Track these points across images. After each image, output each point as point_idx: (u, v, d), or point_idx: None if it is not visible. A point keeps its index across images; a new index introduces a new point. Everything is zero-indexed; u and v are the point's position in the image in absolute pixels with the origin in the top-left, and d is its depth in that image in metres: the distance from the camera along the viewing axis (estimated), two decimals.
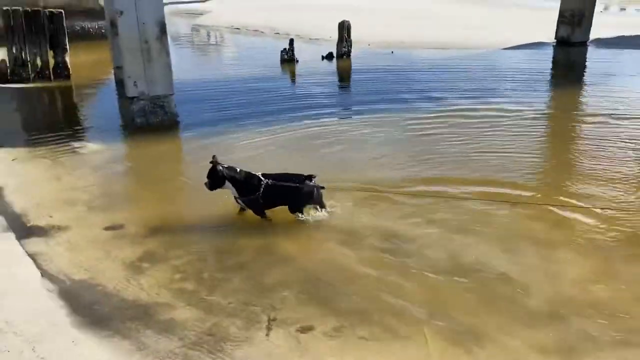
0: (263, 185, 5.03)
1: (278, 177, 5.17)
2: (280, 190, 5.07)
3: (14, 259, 4.53)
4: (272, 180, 5.09)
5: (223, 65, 14.85)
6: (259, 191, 5.03)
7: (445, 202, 5.54)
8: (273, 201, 5.15)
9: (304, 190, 5.09)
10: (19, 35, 11.52)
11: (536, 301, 4.03)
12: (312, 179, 5.16)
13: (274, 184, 5.05)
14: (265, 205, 5.16)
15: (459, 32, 18.44)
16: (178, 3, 29.19)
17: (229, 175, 5.09)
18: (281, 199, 5.15)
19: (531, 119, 8.76)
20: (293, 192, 5.09)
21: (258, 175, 5.13)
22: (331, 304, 3.97)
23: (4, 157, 6.91)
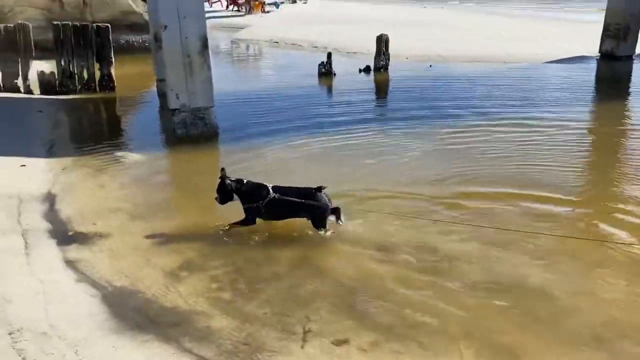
0: (270, 197, 5.07)
1: (287, 190, 5.18)
2: (293, 205, 5.08)
3: (59, 264, 4.69)
4: (281, 193, 5.11)
5: (262, 78, 15.08)
6: (263, 201, 5.07)
7: (482, 217, 5.46)
8: (280, 214, 5.19)
9: (320, 207, 5.09)
10: (68, 48, 11.97)
11: (578, 322, 3.92)
12: (321, 190, 5.15)
13: (282, 198, 5.07)
14: (270, 217, 5.20)
15: (499, 46, 18.22)
16: (219, 17, 29.82)
17: (236, 188, 5.16)
18: (291, 212, 5.18)
19: (575, 133, 8.57)
20: (309, 209, 5.10)
21: (268, 187, 5.17)
22: (366, 318, 3.96)
23: (53, 167, 7.17)
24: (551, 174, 6.71)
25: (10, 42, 11.69)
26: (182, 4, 8.27)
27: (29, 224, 5.38)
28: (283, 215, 5.24)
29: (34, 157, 7.51)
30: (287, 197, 5.09)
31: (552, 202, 5.86)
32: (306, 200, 5.07)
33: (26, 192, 6.20)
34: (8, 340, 3.54)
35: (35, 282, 4.32)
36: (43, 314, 3.88)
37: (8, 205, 5.80)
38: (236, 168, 7.15)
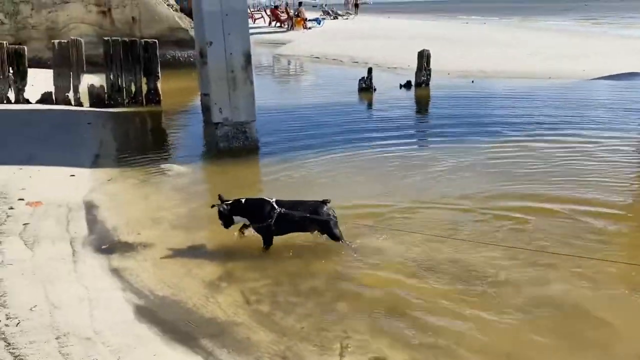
0: (275, 213, 5.06)
1: (292, 204, 5.19)
2: (299, 219, 5.10)
3: (104, 272, 4.82)
4: (286, 208, 5.11)
5: (302, 93, 15.25)
6: (272, 219, 5.07)
7: (521, 234, 5.35)
8: (288, 229, 5.19)
9: (331, 220, 5.12)
10: (117, 63, 12.42)
11: (630, 349, 3.77)
12: (326, 203, 5.16)
13: (287, 213, 5.07)
14: (278, 233, 5.19)
15: (543, 61, 17.92)
16: (262, 33, 30.36)
17: (233, 209, 5.17)
18: (299, 227, 5.19)
19: (619, 150, 8.32)
20: (320, 223, 5.11)
21: (272, 202, 5.15)
22: (404, 336, 3.90)
23: (100, 177, 7.42)
24: (596, 191, 6.52)
25: (63, 57, 12.23)
26: (228, 21, 8.48)
27: (76, 232, 5.57)
28: (292, 229, 5.22)
29: (83, 167, 7.79)
30: (294, 212, 5.10)
31: (595, 216, 5.71)
32: (312, 215, 5.08)
33: (75, 201, 6.42)
34: (55, 344, 3.66)
35: (81, 288, 4.45)
36: (88, 320, 3.99)
37: (58, 213, 6.02)
38: (275, 181, 7.29)
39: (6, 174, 7.09)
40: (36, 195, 6.40)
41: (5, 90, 11.99)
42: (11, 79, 12.02)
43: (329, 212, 5.16)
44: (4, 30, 18.52)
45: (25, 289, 4.36)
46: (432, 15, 56.16)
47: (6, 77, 11.98)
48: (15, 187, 6.65)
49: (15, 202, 6.16)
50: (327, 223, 5.13)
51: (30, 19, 18.80)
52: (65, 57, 12.25)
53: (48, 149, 8.58)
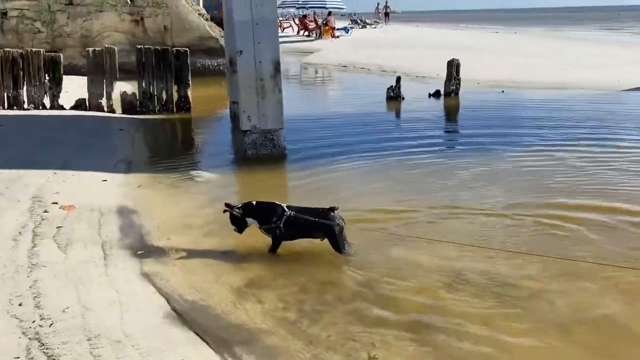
0: (285, 216, 5.10)
1: (301, 210, 5.22)
2: (308, 224, 5.12)
3: (134, 276, 4.89)
4: (296, 212, 5.13)
5: (329, 102, 15.32)
6: (280, 221, 5.10)
7: (561, 244, 5.25)
8: (296, 233, 5.21)
9: (336, 227, 5.10)
10: (149, 71, 12.67)
11: None
12: (334, 210, 5.14)
13: (297, 216, 5.10)
14: (287, 236, 5.21)
15: (575, 72, 17.62)
16: (290, 42, 30.60)
17: (245, 212, 5.24)
18: (306, 233, 5.21)
19: None
20: (325, 228, 5.11)
21: (283, 206, 5.20)
22: (434, 350, 3.85)
23: (131, 182, 7.55)
24: (630, 201, 6.37)
25: (97, 65, 12.53)
26: (258, 30, 8.59)
27: (107, 236, 5.67)
28: (299, 235, 5.25)
29: (114, 173, 7.94)
30: (303, 216, 5.12)
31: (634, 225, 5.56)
32: (320, 219, 5.08)
33: (106, 206, 6.55)
34: (86, 346, 3.72)
35: (112, 291, 4.52)
36: (118, 323, 4.05)
37: (90, 217, 6.14)
38: (302, 188, 7.33)
39: (41, 178, 7.27)
40: (69, 199, 6.55)
41: (41, 97, 12.33)
42: (47, 86, 12.36)
43: (335, 219, 5.12)
44: (40, 38, 19.09)
45: (58, 291, 4.45)
46: (462, 24, 55.81)
47: (42, 84, 12.32)
48: (50, 191, 6.81)
49: (49, 206, 6.31)
50: (331, 228, 5.11)
51: (66, 27, 19.34)
52: (99, 65, 12.55)
53: (81, 154, 8.79)
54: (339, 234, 5.15)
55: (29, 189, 6.83)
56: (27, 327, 3.90)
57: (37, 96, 12.30)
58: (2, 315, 4.02)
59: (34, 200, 6.46)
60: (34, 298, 4.31)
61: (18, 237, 5.40)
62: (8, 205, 6.22)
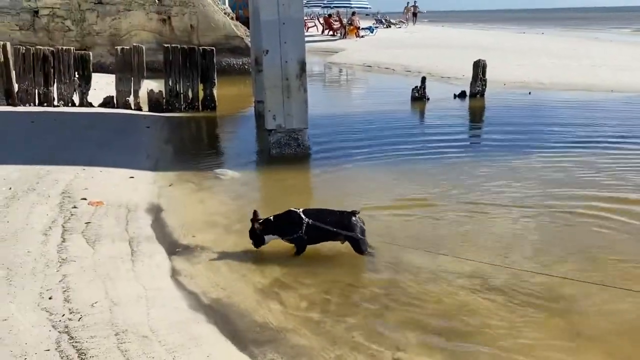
0: (305, 224, 5.11)
1: (321, 213, 5.23)
2: (327, 230, 5.14)
3: (161, 272, 4.96)
4: (315, 217, 5.14)
5: (353, 101, 15.27)
6: (302, 230, 5.12)
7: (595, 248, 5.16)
8: (318, 238, 5.22)
9: (357, 234, 5.13)
10: (176, 69, 12.80)
11: None
12: (355, 214, 5.19)
13: (315, 224, 5.11)
14: (310, 242, 5.23)
15: (605, 73, 17.27)
16: (314, 42, 30.62)
17: (265, 230, 5.25)
18: (327, 237, 5.21)
19: None
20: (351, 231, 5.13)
21: (300, 213, 5.19)
22: (460, 350, 3.82)
23: (158, 179, 7.65)
24: None
25: (125, 63, 12.71)
26: (284, 30, 8.61)
27: (135, 233, 5.75)
28: (321, 239, 5.25)
29: (141, 170, 8.05)
30: (321, 222, 5.12)
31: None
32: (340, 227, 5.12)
33: (133, 203, 6.64)
34: (114, 340, 3.78)
35: (139, 287, 4.59)
36: (145, 318, 4.11)
37: (117, 213, 6.24)
38: (326, 187, 7.34)
39: (71, 174, 7.41)
40: (98, 196, 6.66)
41: (70, 94, 12.57)
42: (76, 83, 12.59)
43: (357, 222, 5.16)
44: (70, 36, 19.47)
45: (87, 285, 4.53)
46: (487, 24, 55.14)
47: (72, 81, 12.55)
48: (79, 187, 6.94)
49: (78, 202, 6.43)
50: (353, 235, 5.15)
51: (95, 25, 19.68)
52: (127, 63, 12.73)
53: (109, 151, 8.93)
54: (360, 237, 5.16)
55: (59, 185, 6.97)
56: (57, 320, 3.98)
57: (66, 93, 12.54)
58: (33, 308, 4.12)
59: (63, 196, 6.60)
60: (64, 292, 4.40)
61: (48, 232, 5.52)
62: (38, 200, 6.36)
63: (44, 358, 3.54)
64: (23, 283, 4.47)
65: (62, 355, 3.57)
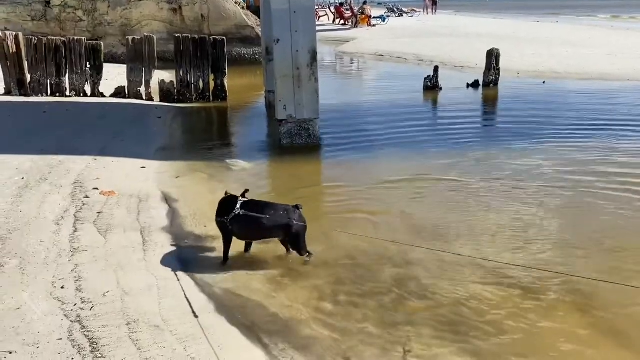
0: (234, 212, 4.75)
1: (259, 205, 4.87)
2: (262, 222, 4.74)
3: (172, 262, 4.96)
4: (255, 209, 4.74)
5: (365, 91, 15.15)
6: (228, 217, 4.76)
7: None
8: (251, 232, 4.87)
9: (295, 226, 4.75)
10: (187, 59, 12.76)
11: None
12: (299, 208, 4.84)
13: (247, 215, 4.70)
14: (239, 235, 4.89)
15: (621, 63, 16.98)
16: (326, 31, 30.42)
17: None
18: (260, 232, 4.85)
19: None
20: (284, 228, 4.77)
21: (237, 200, 4.84)
22: (472, 346, 3.78)
23: (169, 169, 7.65)
24: None
25: (137, 53, 12.70)
26: (295, 18, 8.53)
27: (146, 222, 5.76)
28: (253, 233, 4.89)
29: (153, 160, 8.06)
30: (255, 214, 4.70)
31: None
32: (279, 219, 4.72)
33: (145, 192, 6.65)
34: (126, 330, 3.79)
35: (150, 277, 4.60)
36: (156, 308, 4.12)
37: (129, 203, 6.25)
38: (336, 178, 7.29)
39: (83, 164, 7.44)
40: (109, 185, 6.68)
41: (82, 84, 12.60)
42: (88, 73, 12.62)
43: (297, 218, 4.78)
44: (82, 26, 19.51)
45: (99, 275, 4.55)
46: (501, 12, 54.44)
47: (84, 72, 12.58)
48: (91, 177, 6.97)
49: (90, 191, 6.46)
50: (290, 228, 4.76)
51: (106, 16, 19.70)
52: (138, 53, 12.72)
53: (120, 141, 8.95)
54: (298, 234, 4.80)
55: (71, 175, 6.99)
56: (69, 309, 4.00)
57: (78, 83, 12.57)
58: (45, 297, 4.14)
59: (75, 186, 6.62)
60: (76, 281, 4.42)
61: (60, 222, 5.54)
62: (51, 190, 6.39)
63: (56, 347, 3.56)
64: (36, 272, 4.50)
65: (74, 345, 3.59)
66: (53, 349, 3.54)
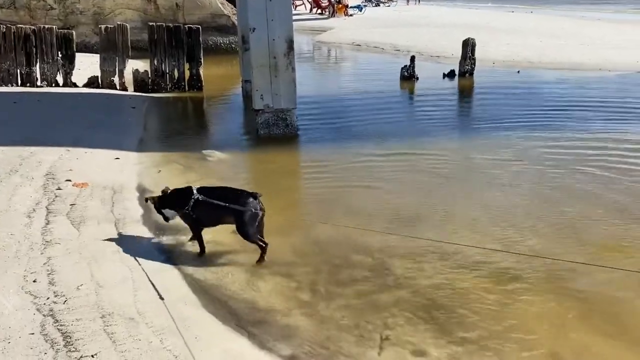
0: (193, 200, 4.69)
1: (215, 190, 4.78)
2: (217, 209, 4.64)
3: (147, 253, 4.89)
4: (207, 195, 4.65)
5: (342, 81, 15.12)
6: (188, 205, 4.70)
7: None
8: (211, 219, 4.80)
9: (247, 213, 4.57)
10: (161, 48, 12.56)
11: None
12: (256, 197, 4.68)
13: (206, 200, 4.62)
14: (201, 223, 4.83)
15: (593, 52, 17.25)
16: (302, 20, 30.22)
17: (162, 204, 4.94)
18: (222, 218, 4.75)
19: None
20: (236, 214, 4.60)
21: (193, 188, 4.79)
22: (447, 330, 3.83)
23: (144, 160, 7.54)
24: None
25: (110, 42, 12.47)
26: (271, 7, 8.45)
27: (120, 214, 5.67)
28: (214, 221, 4.81)
29: (127, 151, 7.93)
30: (212, 200, 4.62)
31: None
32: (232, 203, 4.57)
33: (119, 184, 6.54)
34: (100, 323, 3.73)
35: (125, 269, 4.52)
36: (132, 300, 4.06)
37: (103, 195, 6.14)
38: (314, 168, 7.28)
39: (55, 156, 7.28)
40: (82, 177, 6.55)
41: (54, 74, 12.32)
42: (60, 63, 12.33)
43: (253, 205, 4.60)
44: (53, 15, 19.02)
45: (72, 268, 4.46)
46: (476, 2, 54.74)
47: (55, 61, 12.29)
48: (63, 168, 6.82)
49: (62, 183, 6.32)
50: (241, 215, 4.59)
51: (78, 4, 19.23)
52: (111, 42, 12.49)
53: (94, 132, 8.78)
54: (249, 221, 4.60)
55: (42, 166, 6.84)
56: (42, 303, 3.92)
57: (50, 73, 12.29)
58: (16, 291, 4.04)
59: (47, 177, 6.48)
60: (48, 275, 4.32)
61: (32, 214, 5.42)
62: (22, 182, 6.24)
63: (28, 342, 3.48)
64: (6, 266, 4.38)
65: (47, 339, 3.52)
66: (25, 343, 3.46)
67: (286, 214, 5.74)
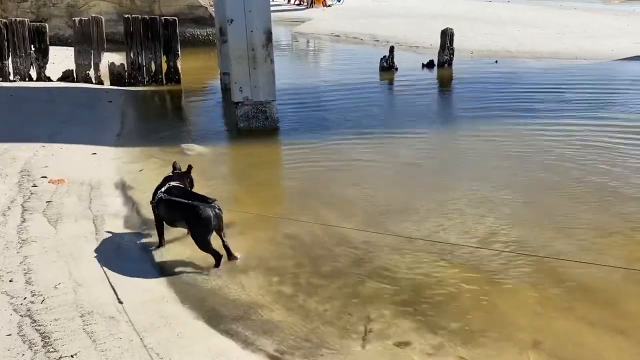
0: (158, 196, 4.68)
1: (181, 191, 4.70)
2: (177, 208, 4.56)
3: (127, 250, 4.82)
4: (172, 195, 4.60)
5: (321, 73, 15.05)
6: (155, 200, 4.70)
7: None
8: (172, 219, 4.71)
9: (202, 213, 4.41)
10: (137, 41, 12.34)
11: None
12: (212, 202, 4.52)
13: (169, 199, 4.57)
14: (166, 220, 4.77)
15: (570, 41, 17.45)
16: (280, 11, 30.00)
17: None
18: (179, 219, 4.64)
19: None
20: (190, 215, 4.48)
21: (165, 185, 4.75)
22: (431, 320, 3.84)
23: (121, 155, 7.42)
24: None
25: (84, 35, 12.23)
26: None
27: (98, 210, 5.58)
28: (174, 219, 4.70)
29: (104, 146, 7.80)
30: (173, 199, 4.55)
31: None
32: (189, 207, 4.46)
33: (96, 180, 6.43)
34: (79, 322, 3.67)
35: (104, 267, 4.45)
36: (112, 299, 4.00)
37: (80, 191, 6.04)
38: (294, 162, 7.25)
39: (30, 152, 7.13)
40: (59, 173, 6.43)
41: (27, 68, 12.04)
42: (33, 57, 12.06)
43: (209, 210, 4.43)
44: (25, 7, 18.56)
45: (50, 267, 4.38)
46: None
47: (28, 55, 12.01)
48: (39, 165, 6.68)
49: (38, 180, 6.20)
50: (190, 221, 4.50)
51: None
52: (86, 35, 12.24)
53: (69, 127, 8.62)
54: (202, 226, 4.44)
55: (17, 163, 6.69)
56: (19, 303, 3.84)
57: (23, 67, 12.00)
58: None
59: (22, 175, 6.34)
60: (25, 274, 4.24)
61: (7, 212, 5.30)
62: None
63: (5, 343, 3.41)
64: None
65: (25, 340, 3.45)
66: (1, 345, 3.39)
67: (266, 208, 5.71)
